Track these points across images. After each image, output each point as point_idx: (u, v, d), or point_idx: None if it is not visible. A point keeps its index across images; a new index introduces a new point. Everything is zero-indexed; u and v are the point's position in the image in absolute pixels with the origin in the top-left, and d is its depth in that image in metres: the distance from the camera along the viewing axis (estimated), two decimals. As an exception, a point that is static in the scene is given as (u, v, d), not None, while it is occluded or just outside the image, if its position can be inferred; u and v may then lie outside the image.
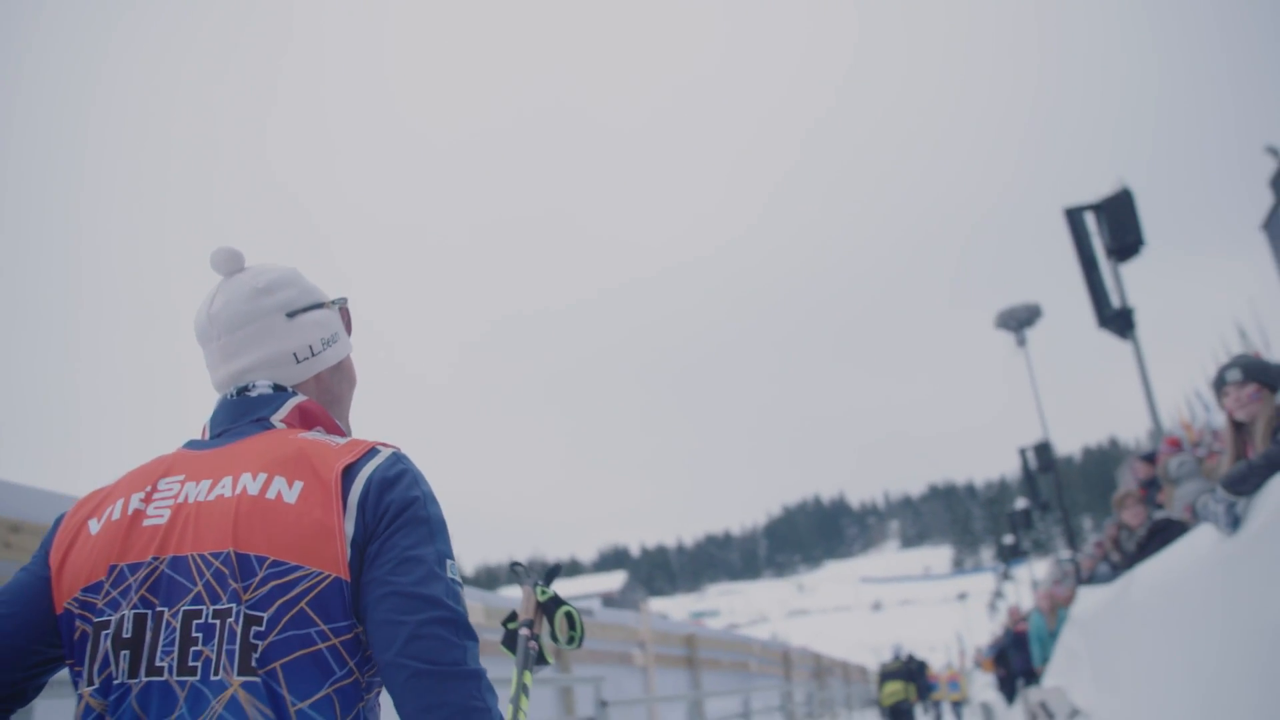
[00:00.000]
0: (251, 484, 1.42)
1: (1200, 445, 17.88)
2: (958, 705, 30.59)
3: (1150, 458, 15.15)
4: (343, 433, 1.66)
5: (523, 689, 2.01)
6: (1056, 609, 12.03)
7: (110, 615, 1.39)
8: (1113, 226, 16.66)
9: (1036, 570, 52.07)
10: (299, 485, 1.42)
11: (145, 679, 1.35)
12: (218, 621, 1.35)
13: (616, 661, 9.90)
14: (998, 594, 61.35)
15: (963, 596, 68.86)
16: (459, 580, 1.46)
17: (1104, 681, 8.67)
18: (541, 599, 2.21)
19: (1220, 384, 4.20)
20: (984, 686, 16.93)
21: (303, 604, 1.36)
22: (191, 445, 1.58)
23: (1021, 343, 17.30)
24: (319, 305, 1.69)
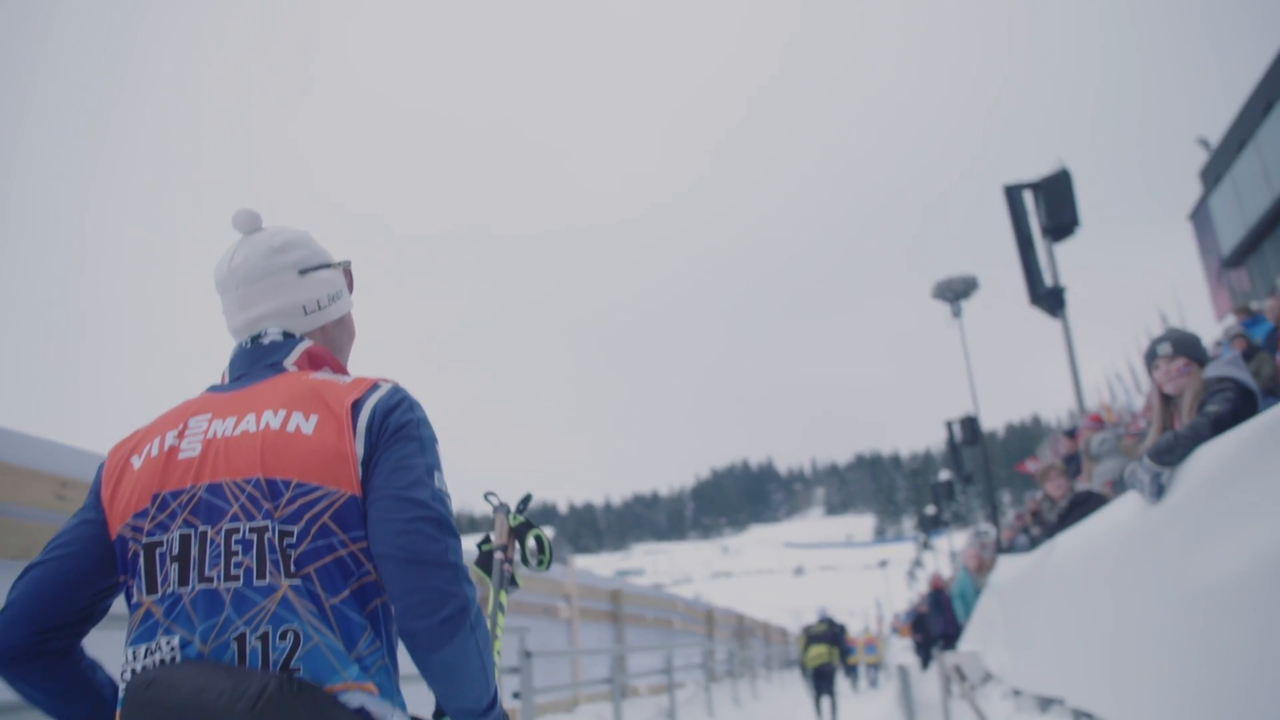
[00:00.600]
0: (274, 419, 1.66)
1: (1119, 425, 18.37)
2: (873, 668, 31.35)
3: (1071, 433, 15.55)
4: (346, 373, 1.89)
5: (499, 607, 2.24)
6: (984, 569, 12.31)
7: (160, 536, 1.63)
8: (1050, 206, 16.94)
9: (955, 541, 53.28)
10: (314, 418, 1.66)
11: (197, 587, 1.58)
12: (254, 536, 1.59)
13: (541, 614, 9.91)
14: (917, 563, 62.67)
15: (883, 563, 70.42)
16: (445, 489, 1.70)
17: (1018, 647, 8.89)
18: (513, 524, 2.40)
19: (1151, 357, 4.27)
20: (901, 650, 17.31)
21: (325, 518, 1.60)
22: (214, 389, 1.81)
23: (957, 314, 17.54)
24: (326, 265, 1.94)
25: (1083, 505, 8.34)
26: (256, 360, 1.82)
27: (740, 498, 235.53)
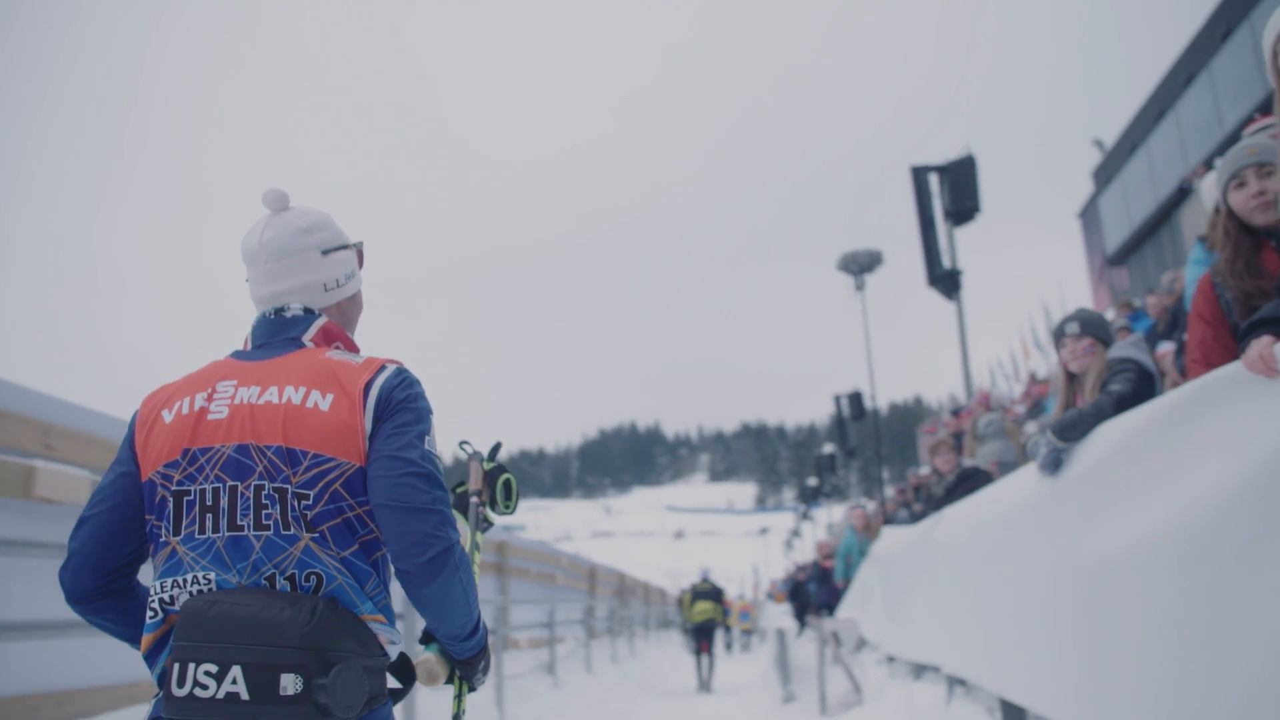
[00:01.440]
0: (295, 395, 1.91)
1: (999, 411, 18.91)
2: (747, 634, 32.00)
3: (957, 413, 15.96)
4: (356, 348, 2.15)
5: (475, 545, 2.54)
6: (870, 529, 12.58)
7: (188, 486, 1.89)
8: (954, 190, 17.28)
9: (834, 514, 54.57)
10: (330, 397, 1.92)
11: (227, 533, 1.86)
12: (277, 494, 1.86)
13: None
14: (795, 533, 64.17)
15: (764, 531, 71.87)
16: (434, 451, 1.98)
17: (896, 615, 9.11)
18: (486, 469, 2.65)
19: (1059, 335, 4.35)
20: (779, 615, 17.71)
21: (336, 485, 1.88)
22: (238, 355, 2.06)
23: (860, 287, 17.81)
24: (345, 246, 2.18)
25: (969, 481, 8.57)
26: (278, 331, 2.07)
27: (626, 459, 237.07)
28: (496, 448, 2.49)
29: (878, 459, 17.30)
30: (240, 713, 1.73)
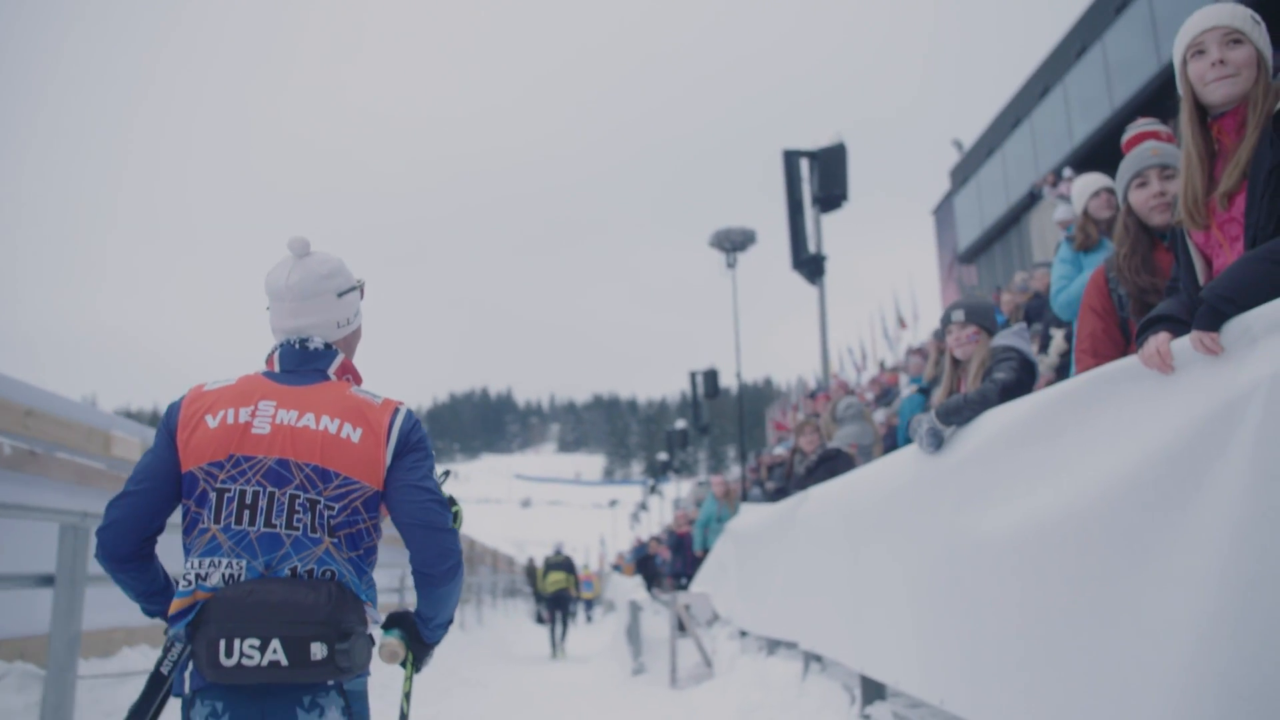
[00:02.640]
0: (331, 425, 2.40)
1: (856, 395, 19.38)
2: (589, 603, 32.28)
3: (814, 395, 16.31)
4: (360, 379, 2.65)
5: None
6: (730, 496, 12.70)
7: (230, 486, 2.32)
8: (823, 177, 17.55)
9: (682, 489, 55.32)
10: (360, 431, 2.42)
11: (262, 529, 2.31)
12: (309, 504, 2.33)
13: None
14: (642, 506, 64.79)
15: (614, 503, 72.37)
16: (438, 481, 2.53)
17: (751, 591, 9.23)
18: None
19: (946, 322, 4.42)
20: (629, 587, 17.89)
21: (357, 503, 2.38)
22: (270, 376, 2.51)
23: (731, 264, 17.96)
24: (354, 289, 2.65)
25: (831, 462, 8.74)
26: (305, 362, 2.54)
27: (476, 425, 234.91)
28: (445, 475, 2.75)
29: (740, 435, 17.54)
30: (281, 675, 2.24)
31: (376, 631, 2.55)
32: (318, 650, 2.23)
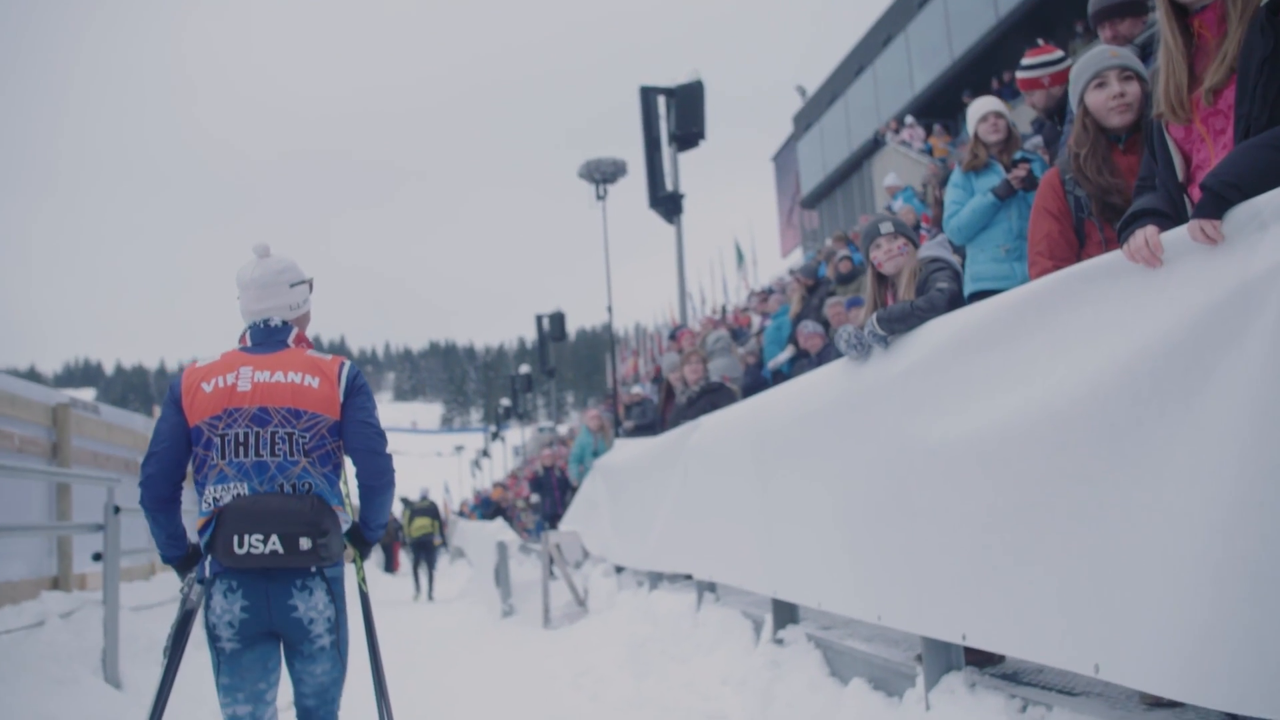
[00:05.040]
0: (296, 377, 3.23)
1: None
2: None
3: (674, 335, 16.31)
4: (311, 345, 3.47)
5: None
6: (604, 430, 12.60)
7: (228, 431, 3.15)
8: (681, 114, 17.43)
9: (525, 435, 55.10)
10: (318, 379, 3.25)
11: (254, 459, 3.14)
12: (288, 436, 3.17)
13: (123, 468, 8.67)
14: (484, 453, 64.18)
15: (460, 449, 71.59)
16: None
17: (630, 528, 9.10)
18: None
19: (873, 235, 4.31)
20: (500, 530, 17.66)
21: (323, 430, 3.22)
22: (245, 350, 3.33)
23: (601, 196, 17.66)
24: (303, 282, 3.48)
25: (713, 394, 8.70)
26: (270, 336, 3.34)
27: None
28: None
29: (612, 372, 17.39)
30: (279, 560, 3.06)
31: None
32: (304, 543, 3.06)
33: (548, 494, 14.11)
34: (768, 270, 37.87)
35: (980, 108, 5.46)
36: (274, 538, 3.00)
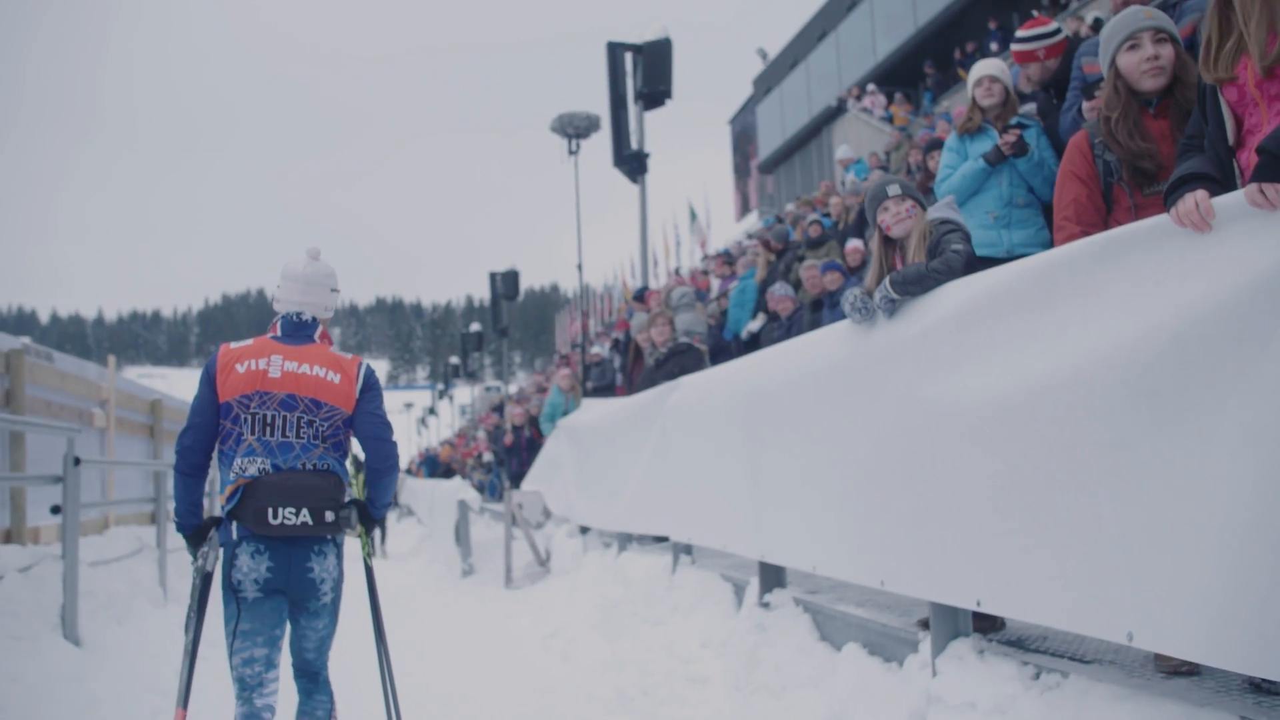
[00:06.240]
0: (320, 371, 3.68)
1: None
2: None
3: (641, 296, 16.18)
4: (332, 342, 3.90)
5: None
6: (575, 389, 12.53)
7: (258, 411, 3.58)
8: (648, 72, 17.14)
9: (474, 394, 54.75)
10: (339, 376, 3.72)
11: (280, 439, 3.59)
12: (310, 423, 3.63)
13: (74, 419, 8.38)
14: (431, 410, 63.64)
15: (409, 406, 70.84)
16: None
17: (598, 489, 8.99)
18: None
19: (880, 199, 4.20)
20: (461, 488, 17.50)
21: (339, 421, 3.70)
22: (276, 339, 3.76)
23: (574, 151, 17.37)
24: (337, 291, 3.96)
25: (682, 355, 8.62)
26: (299, 329, 3.78)
27: (252, 328, 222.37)
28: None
29: (583, 334, 17.21)
30: (306, 530, 3.53)
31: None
32: (329, 515, 3.55)
33: (516, 454, 13.95)
34: (720, 233, 37.75)
35: (978, 71, 5.39)
36: (305, 510, 3.47)
